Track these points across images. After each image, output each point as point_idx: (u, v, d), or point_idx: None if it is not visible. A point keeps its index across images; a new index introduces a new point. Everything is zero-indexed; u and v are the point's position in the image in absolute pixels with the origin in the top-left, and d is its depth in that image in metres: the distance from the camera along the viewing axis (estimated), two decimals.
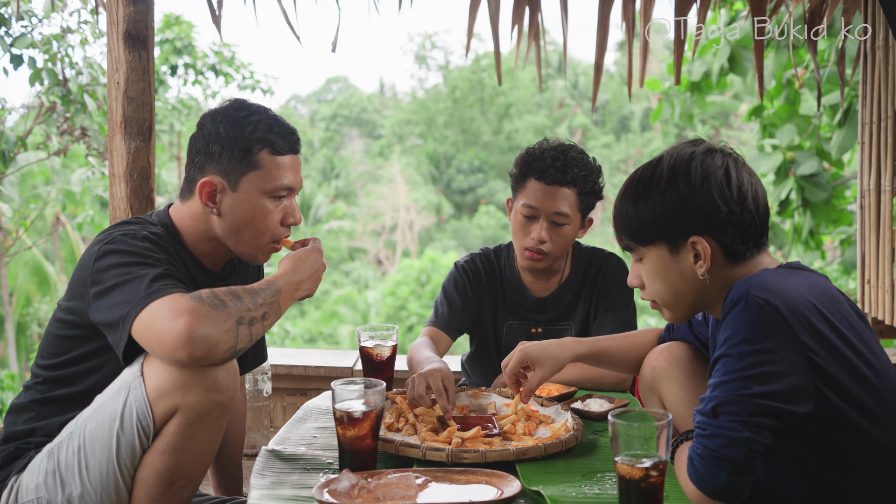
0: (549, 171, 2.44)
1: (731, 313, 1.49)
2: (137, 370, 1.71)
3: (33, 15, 5.31)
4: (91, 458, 1.72)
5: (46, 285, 12.29)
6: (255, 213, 1.91)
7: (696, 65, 6.60)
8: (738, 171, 1.59)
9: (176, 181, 13.66)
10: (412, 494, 1.52)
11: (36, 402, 1.88)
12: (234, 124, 1.89)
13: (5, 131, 5.65)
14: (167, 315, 1.62)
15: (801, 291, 1.49)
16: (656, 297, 1.68)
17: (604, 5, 3.36)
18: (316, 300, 21.66)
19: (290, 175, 1.94)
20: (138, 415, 1.69)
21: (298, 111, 33.77)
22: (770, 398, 1.42)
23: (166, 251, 1.86)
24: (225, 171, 1.90)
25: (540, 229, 2.46)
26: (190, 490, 1.78)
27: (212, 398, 1.69)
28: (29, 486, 1.78)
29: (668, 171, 1.60)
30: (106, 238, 1.82)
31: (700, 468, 1.44)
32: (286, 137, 1.93)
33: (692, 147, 1.63)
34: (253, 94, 10.63)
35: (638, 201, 1.63)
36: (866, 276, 3.62)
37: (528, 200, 2.47)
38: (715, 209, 1.56)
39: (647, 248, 1.64)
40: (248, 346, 1.70)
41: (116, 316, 1.69)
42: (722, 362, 1.48)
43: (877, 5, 3.47)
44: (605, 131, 28.91)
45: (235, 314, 1.66)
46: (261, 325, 1.72)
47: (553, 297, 2.63)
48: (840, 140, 5.47)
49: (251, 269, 2.22)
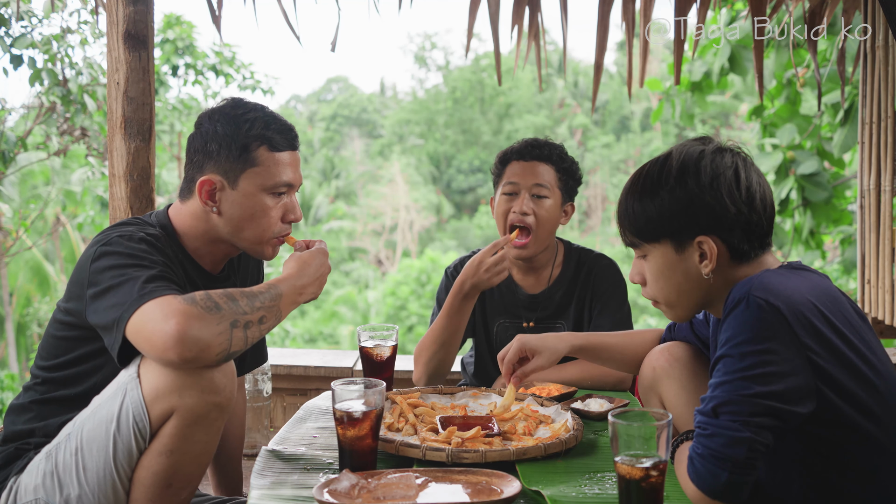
0: (525, 149, 2.58)
1: (732, 314, 1.49)
2: (134, 372, 1.71)
3: (33, 15, 5.31)
4: (88, 460, 1.72)
5: (46, 285, 12.29)
6: (256, 210, 1.91)
7: (697, 64, 6.60)
8: (747, 172, 1.58)
9: (176, 181, 13.65)
10: (412, 494, 1.52)
11: (35, 402, 1.88)
12: (231, 122, 1.89)
13: (5, 131, 5.65)
14: (159, 316, 1.61)
15: (801, 292, 1.49)
16: (658, 295, 1.67)
17: (604, 5, 3.36)
18: (316, 300, 21.66)
19: (289, 171, 1.93)
20: (135, 417, 1.68)
21: (298, 111, 33.77)
22: (771, 398, 1.42)
23: (163, 253, 1.86)
24: (224, 170, 1.89)
25: (521, 202, 2.53)
26: (188, 491, 1.77)
27: (208, 399, 1.68)
28: (28, 488, 1.78)
29: (677, 168, 1.59)
30: (102, 239, 1.82)
31: (700, 468, 1.44)
32: (284, 134, 1.93)
33: (701, 145, 1.62)
34: (253, 95, 10.64)
35: (645, 198, 1.61)
36: (866, 276, 3.62)
37: (509, 179, 2.57)
38: (723, 209, 1.56)
39: (652, 246, 1.63)
40: (242, 349, 1.69)
41: (111, 318, 1.69)
42: (723, 362, 1.48)
43: (877, 5, 3.47)
44: (605, 131, 28.91)
45: (230, 317, 1.65)
46: (257, 329, 1.71)
47: (544, 295, 2.63)
48: (842, 139, 5.48)
49: (250, 271, 2.22)
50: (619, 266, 2.69)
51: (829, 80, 5.42)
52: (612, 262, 2.67)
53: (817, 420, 1.47)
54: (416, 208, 26.98)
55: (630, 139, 27.47)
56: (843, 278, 7.49)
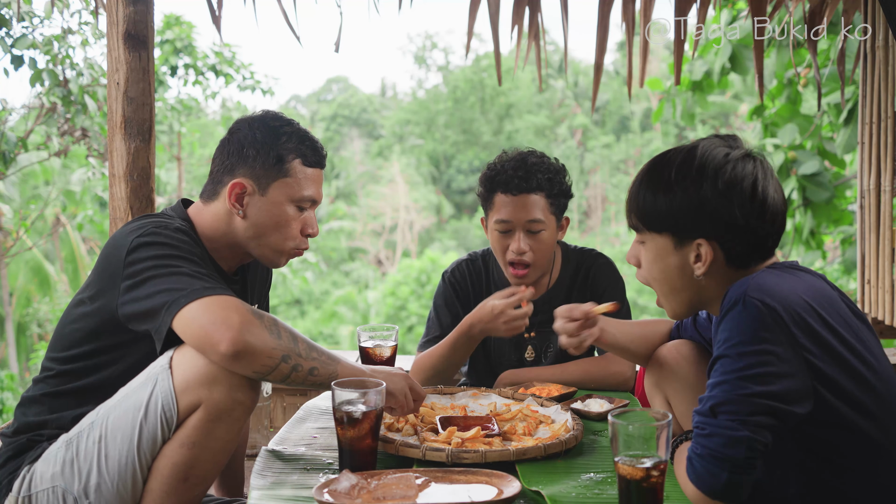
0: (512, 181, 2.43)
1: (729, 314, 1.49)
2: (166, 362, 1.74)
3: (34, 16, 5.31)
4: (111, 448, 1.75)
5: (47, 286, 12.27)
6: (280, 218, 1.97)
7: (698, 64, 6.60)
8: (764, 184, 1.56)
9: (175, 181, 13.65)
10: (412, 494, 1.52)
11: (47, 395, 1.90)
12: (270, 132, 1.97)
13: (6, 132, 5.65)
14: (224, 310, 1.67)
15: (797, 292, 1.49)
16: (651, 280, 1.68)
17: (604, 5, 3.36)
18: (316, 300, 21.66)
19: (315, 187, 2.02)
20: (163, 405, 1.72)
21: (299, 111, 33.76)
22: (769, 398, 1.42)
23: (198, 245, 1.92)
24: (256, 175, 1.95)
25: (518, 241, 2.45)
26: (202, 489, 1.80)
27: (235, 397, 1.72)
28: (44, 475, 1.80)
29: (697, 168, 1.57)
30: (137, 230, 1.84)
31: (699, 468, 1.44)
32: (317, 152, 2.02)
33: (727, 148, 1.59)
34: (253, 95, 10.64)
35: (658, 191, 1.60)
36: (866, 276, 3.62)
37: (500, 216, 2.46)
38: (732, 218, 1.55)
39: (653, 235, 1.64)
40: (279, 382, 1.73)
41: (157, 303, 1.72)
42: (720, 363, 1.48)
43: (877, 5, 3.47)
44: (605, 131, 28.91)
45: (285, 349, 1.70)
46: (304, 375, 1.73)
47: (543, 300, 2.61)
48: (845, 138, 5.47)
49: (259, 277, 2.24)
50: (618, 266, 2.68)
51: (830, 80, 5.42)
52: (610, 261, 2.66)
53: (814, 420, 1.47)
54: (416, 208, 26.98)
55: (630, 139, 27.46)
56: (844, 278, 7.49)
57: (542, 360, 2.63)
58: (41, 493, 1.80)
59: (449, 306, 2.61)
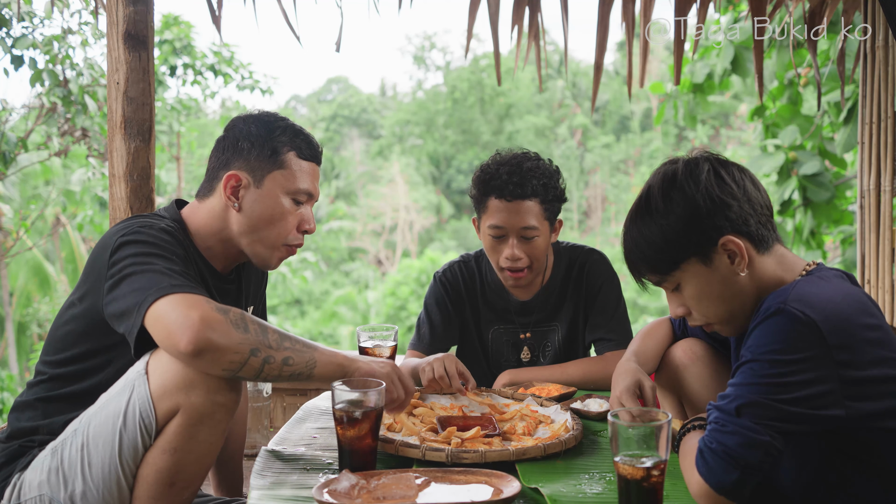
0: (507, 187, 2.38)
1: (766, 321, 1.48)
2: (142, 368, 1.72)
3: (34, 16, 5.31)
4: (94, 456, 1.73)
5: (47, 285, 12.27)
6: (275, 211, 1.97)
7: (699, 66, 6.59)
8: (725, 167, 1.60)
9: (176, 181, 13.65)
10: (412, 494, 1.52)
11: (41, 399, 1.89)
12: (265, 125, 1.99)
13: (6, 132, 5.65)
14: (186, 307, 1.63)
15: (835, 302, 1.49)
16: (709, 316, 1.65)
17: (604, 5, 3.36)
18: (316, 300, 21.66)
19: (310, 180, 2.02)
20: (141, 412, 1.69)
21: (298, 111, 33.76)
22: (795, 404, 1.42)
23: (182, 245, 1.89)
24: (251, 167, 1.96)
25: (511, 247, 2.42)
26: (190, 492, 1.78)
27: (215, 400, 1.69)
28: (32, 484, 1.79)
29: (660, 191, 1.60)
30: (122, 230, 1.83)
31: (712, 462, 1.44)
32: (311, 146, 2.04)
33: (672, 164, 1.64)
34: (252, 95, 10.64)
35: (644, 230, 1.61)
36: (866, 276, 3.62)
37: (494, 221, 2.42)
38: (726, 206, 1.56)
39: (679, 273, 1.62)
40: (253, 377, 1.69)
41: (132, 302, 1.69)
42: (750, 366, 1.47)
43: (877, 5, 3.47)
44: (605, 131, 28.91)
45: (253, 343, 1.66)
46: (277, 368, 1.69)
47: (537, 300, 2.60)
48: (845, 138, 5.47)
49: (252, 279, 2.23)
50: (612, 262, 2.66)
51: (830, 80, 5.42)
52: (603, 257, 2.64)
53: (846, 428, 1.46)
54: (416, 208, 26.98)
55: (630, 139, 27.46)
56: None
57: (540, 360, 2.63)
58: (29, 501, 1.78)
59: (440, 306, 2.60)
